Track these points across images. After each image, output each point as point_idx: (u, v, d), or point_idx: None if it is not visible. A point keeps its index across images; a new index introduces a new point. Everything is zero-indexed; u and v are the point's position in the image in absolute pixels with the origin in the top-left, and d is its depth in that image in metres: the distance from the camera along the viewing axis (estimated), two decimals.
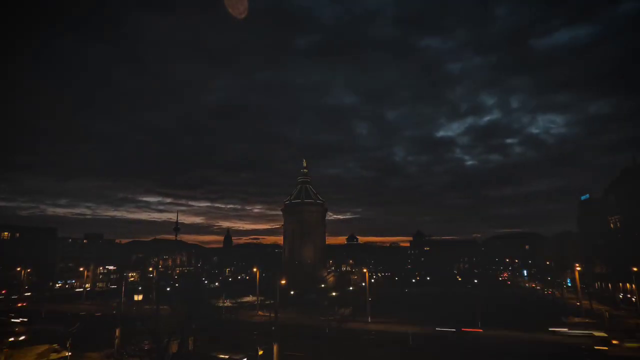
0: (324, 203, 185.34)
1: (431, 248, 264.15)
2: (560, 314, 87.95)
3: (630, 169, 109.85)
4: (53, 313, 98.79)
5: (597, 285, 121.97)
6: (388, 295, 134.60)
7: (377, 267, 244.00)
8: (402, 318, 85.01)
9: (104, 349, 59.15)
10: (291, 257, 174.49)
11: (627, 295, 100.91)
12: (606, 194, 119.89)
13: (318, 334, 72.63)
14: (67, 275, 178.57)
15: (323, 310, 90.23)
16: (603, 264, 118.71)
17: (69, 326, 73.43)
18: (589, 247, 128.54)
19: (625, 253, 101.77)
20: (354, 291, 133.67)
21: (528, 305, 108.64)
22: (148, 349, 54.21)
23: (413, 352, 59.48)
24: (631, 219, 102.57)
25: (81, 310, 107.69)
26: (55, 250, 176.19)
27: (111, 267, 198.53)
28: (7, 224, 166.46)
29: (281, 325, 59.50)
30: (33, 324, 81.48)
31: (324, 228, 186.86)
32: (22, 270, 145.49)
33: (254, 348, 52.11)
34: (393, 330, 76.11)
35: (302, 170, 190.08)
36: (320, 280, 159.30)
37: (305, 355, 57.85)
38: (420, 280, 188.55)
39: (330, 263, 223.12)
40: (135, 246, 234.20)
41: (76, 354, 55.86)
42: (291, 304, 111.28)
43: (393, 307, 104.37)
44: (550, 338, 68.43)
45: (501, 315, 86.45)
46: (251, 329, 76.08)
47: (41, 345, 60.00)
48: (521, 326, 75.98)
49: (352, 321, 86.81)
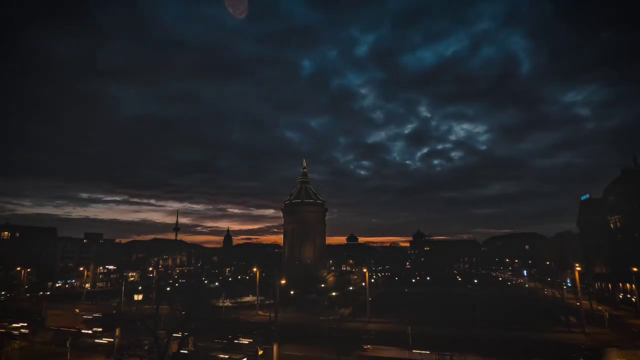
0: (324, 203, 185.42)
1: (431, 248, 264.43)
2: (560, 314, 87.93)
3: (631, 169, 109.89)
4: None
5: (597, 285, 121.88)
6: (388, 295, 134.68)
7: (377, 267, 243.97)
8: (402, 318, 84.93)
9: (103, 349, 59.17)
10: (291, 257, 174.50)
11: (627, 295, 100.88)
12: (606, 194, 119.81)
13: (318, 334, 72.60)
14: (67, 275, 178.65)
15: (323, 310, 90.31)
16: (603, 264, 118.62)
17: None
18: (589, 247, 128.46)
19: (625, 253, 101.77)
20: (354, 291, 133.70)
21: (528, 305, 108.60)
22: (148, 349, 54.28)
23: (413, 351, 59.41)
24: (631, 219, 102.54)
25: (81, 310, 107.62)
26: (56, 250, 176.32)
27: (111, 267, 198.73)
28: (7, 223, 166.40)
29: (281, 325, 59.47)
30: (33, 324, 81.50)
31: (324, 228, 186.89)
32: (22, 270, 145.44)
33: (254, 348, 52.15)
34: (393, 330, 76.07)
35: (302, 170, 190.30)
36: (320, 280, 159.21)
37: (305, 355, 57.83)
38: (420, 280, 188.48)
39: (330, 263, 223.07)
40: (135, 246, 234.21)
41: (76, 354, 55.90)
42: (291, 304, 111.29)
43: (393, 307, 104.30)
44: (550, 338, 68.44)
45: (501, 316, 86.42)
46: (251, 329, 76.14)
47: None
48: (521, 326, 76.05)
49: (352, 321, 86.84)
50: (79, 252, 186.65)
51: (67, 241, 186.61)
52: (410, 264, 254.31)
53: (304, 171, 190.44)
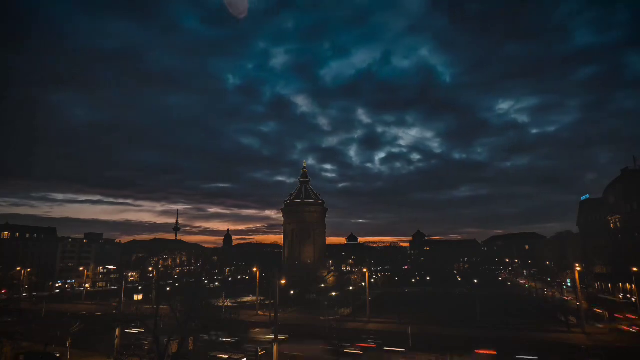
0: (324, 203, 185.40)
1: (431, 248, 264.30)
2: (560, 314, 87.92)
3: (630, 169, 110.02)
4: (53, 313, 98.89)
5: (597, 285, 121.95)
6: (388, 295, 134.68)
7: (377, 267, 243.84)
8: (402, 318, 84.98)
9: (103, 349, 59.14)
10: (291, 257, 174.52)
11: (627, 295, 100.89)
12: (606, 194, 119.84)
13: (318, 334, 72.58)
14: (67, 275, 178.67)
15: (323, 310, 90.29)
16: (603, 264, 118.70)
17: (69, 326, 73.43)
18: (589, 247, 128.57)
19: (625, 253, 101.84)
20: (354, 291, 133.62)
21: (528, 305, 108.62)
22: (148, 349, 54.30)
23: (413, 351, 59.41)
24: (631, 219, 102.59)
25: (81, 310, 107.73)
26: (56, 250, 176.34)
27: (111, 267, 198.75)
28: (7, 223, 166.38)
29: (281, 325, 59.49)
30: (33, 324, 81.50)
31: (324, 228, 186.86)
32: (22, 270, 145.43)
33: (253, 348, 52.18)
34: (393, 330, 76.08)
35: (302, 170, 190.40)
36: (320, 280, 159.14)
37: (305, 355, 57.83)
38: (420, 280, 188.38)
39: (330, 263, 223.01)
40: (135, 246, 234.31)
41: (76, 354, 55.90)
42: (291, 304, 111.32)
43: (393, 307, 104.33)
44: (550, 338, 68.44)
45: (501, 316, 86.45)
46: (251, 329, 76.17)
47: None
48: (521, 326, 76.03)
49: (352, 321, 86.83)
50: (79, 252, 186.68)
51: (67, 241, 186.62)
52: (410, 264, 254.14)
53: (303, 171, 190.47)
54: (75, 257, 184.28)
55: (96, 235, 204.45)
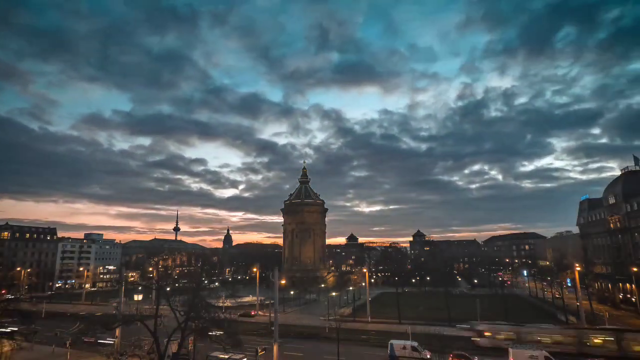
0: (323, 203, 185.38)
1: (431, 248, 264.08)
2: (560, 314, 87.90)
3: (630, 169, 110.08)
4: (53, 313, 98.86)
5: (597, 285, 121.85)
6: (388, 295, 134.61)
7: (377, 267, 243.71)
8: (402, 318, 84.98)
9: (104, 349, 59.13)
10: (291, 257, 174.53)
11: (627, 296, 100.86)
12: (606, 194, 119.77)
13: (318, 334, 72.58)
14: (67, 275, 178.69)
15: (323, 310, 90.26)
16: (603, 264, 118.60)
17: (69, 326, 73.40)
18: (589, 247, 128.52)
19: (625, 253, 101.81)
20: (354, 291, 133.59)
21: (528, 305, 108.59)
22: (148, 349, 54.22)
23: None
24: (631, 219, 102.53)
25: (81, 310, 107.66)
26: (55, 250, 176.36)
27: (111, 267, 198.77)
28: (7, 224, 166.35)
29: (281, 326, 59.45)
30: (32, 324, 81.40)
31: (324, 228, 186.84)
32: (22, 270, 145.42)
33: (253, 348, 52.15)
34: (393, 330, 76.05)
35: (302, 170, 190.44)
36: (320, 280, 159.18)
37: (305, 355, 57.83)
38: (420, 280, 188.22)
39: (330, 263, 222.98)
40: (135, 246, 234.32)
41: (76, 354, 55.89)
42: (291, 304, 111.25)
43: (393, 307, 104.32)
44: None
45: (501, 316, 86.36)
46: (251, 329, 76.13)
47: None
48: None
49: (352, 321, 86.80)
50: (79, 252, 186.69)
51: (67, 241, 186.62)
52: (410, 264, 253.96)
53: (303, 171, 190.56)
54: (75, 257, 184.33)
55: (96, 235, 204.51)
